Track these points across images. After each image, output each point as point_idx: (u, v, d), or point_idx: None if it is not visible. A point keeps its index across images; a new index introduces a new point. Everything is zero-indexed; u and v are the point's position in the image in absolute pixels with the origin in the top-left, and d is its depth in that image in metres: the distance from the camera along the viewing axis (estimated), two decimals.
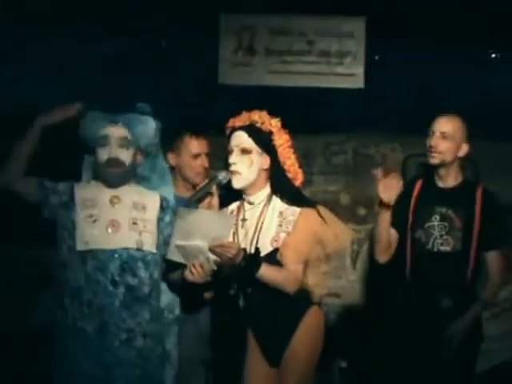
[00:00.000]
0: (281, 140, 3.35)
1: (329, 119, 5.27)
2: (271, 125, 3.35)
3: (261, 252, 3.26)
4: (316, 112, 5.21)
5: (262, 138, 3.33)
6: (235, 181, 3.34)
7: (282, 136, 3.36)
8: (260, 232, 3.32)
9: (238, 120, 3.38)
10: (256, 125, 3.34)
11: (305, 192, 3.51)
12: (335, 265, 5.16)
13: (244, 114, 3.38)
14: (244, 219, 3.37)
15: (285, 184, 3.36)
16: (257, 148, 3.32)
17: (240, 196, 3.40)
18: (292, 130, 3.41)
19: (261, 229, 3.32)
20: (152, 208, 3.36)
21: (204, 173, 3.83)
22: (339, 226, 3.38)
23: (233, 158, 3.32)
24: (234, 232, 3.34)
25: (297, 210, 3.31)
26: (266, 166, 3.34)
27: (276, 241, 3.29)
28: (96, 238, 3.25)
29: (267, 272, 3.21)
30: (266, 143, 3.33)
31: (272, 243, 3.29)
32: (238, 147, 3.33)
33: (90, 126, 3.32)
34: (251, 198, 3.37)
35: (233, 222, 3.30)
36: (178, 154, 3.83)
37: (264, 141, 3.33)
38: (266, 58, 5.19)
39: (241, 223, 3.36)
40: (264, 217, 3.33)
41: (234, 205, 3.43)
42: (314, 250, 3.31)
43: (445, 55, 5.10)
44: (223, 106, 4.48)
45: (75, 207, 3.30)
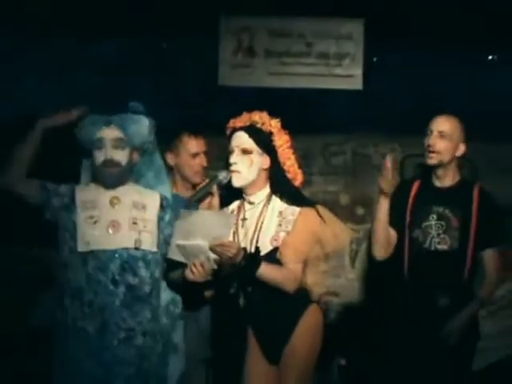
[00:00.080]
0: (281, 140, 3.37)
1: (328, 120, 5.26)
2: (271, 125, 3.37)
3: (261, 251, 3.28)
4: (315, 113, 5.21)
5: (263, 139, 3.35)
6: (235, 179, 3.35)
7: (282, 136, 3.38)
8: (260, 231, 3.33)
9: (239, 121, 3.40)
10: (256, 125, 3.36)
11: (304, 192, 3.52)
12: (334, 264, 5.17)
13: (244, 115, 3.40)
14: (244, 219, 3.38)
15: (284, 184, 3.38)
16: (257, 148, 3.34)
17: (240, 196, 3.42)
18: (291, 131, 3.42)
19: (261, 228, 3.34)
20: (152, 207, 3.38)
21: (203, 172, 3.85)
22: (338, 226, 3.40)
23: (233, 158, 3.34)
24: (234, 231, 3.35)
25: (296, 210, 3.33)
26: (266, 166, 3.36)
27: (276, 240, 3.30)
28: (97, 239, 3.27)
29: (267, 271, 3.23)
30: (266, 144, 3.35)
31: (272, 242, 3.31)
32: (239, 147, 3.34)
33: (86, 129, 3.34)
34: (251, 198, 3.39)
35: (233, 222, 3.31)
36: (177, 154, 3.85)
37: (264, 141, 3.35)
38: (266, 60, 5.20)
39: (241, 223, 3.38)
40: (264, 216, 3.35)
41: (235, 204, 3.44)
42: (314, 250, 3.33)
43: (443, 57, 5.11)
44: (223, 107, 4.48)
45: (76, 209, 3.32)
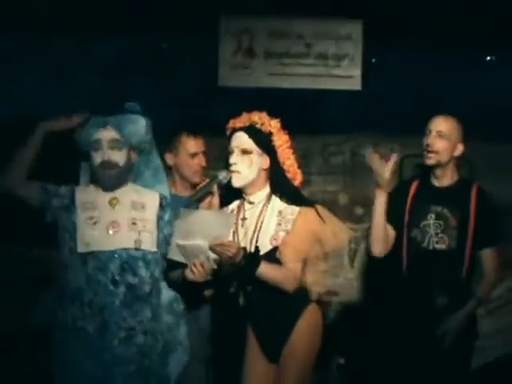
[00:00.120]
0: (280, 141, 3.38)
1: (327, 120, 5.28)
2: (271, 126, 3.38)
3: (260, 251, 3.29)
4: (314, 113, 5.23)
5: (262, 139, 3.36)
6: (235, 179, 3.36)
7: (282, 137, 3.39)
8: (260, 231, 3.35)
9: (239, 121, 3.41)
10: (256, 126, 3.37)
11: (303, 192, 3.53)
12: (333, 263, 5.18)
13: (244, 115, 3.41)
14: (244, 218, 3.39)
15: (284, 184, 3.39)
16: (257, 148, 3.35)
17: (240, 195, 3.43)
18: (290, 131, 3.43)
19: (260, 228, 3.35)
20: (151, 207, 3.39)
21: (202, 171, 3.87)
22: (337, 225, 3.41)
23: (233, 159, 3.35)
24: (234, 231, 3.36)
25: (296, 210, 3.34)
26: (266, 166, 3.37)
27: (275, 239, 3.32)
28: (97, 240, 3.27)
29: (266, 270, 3.25)
30: (266, 144, 3.36)
31: (271, 242, 3.32)
32: (239, 148, 3.35)
33: (84, 131, 3.35)
34: (251, 198, 3.40)
35: (233, 222, 3.32)
36: (176, 154, 3.87)
37: (264, 141, 3.36)
38: (265, 60, 5.20)
39: (241, 222, 3.39)
40: (263, 216, 3.37)
41: (235, 204, 3.45)
42: (313, 249, 3.34)
43: (442, 57, 5.12)
44: (223, 108, 4.49)
45: (76, 210, 3.33)
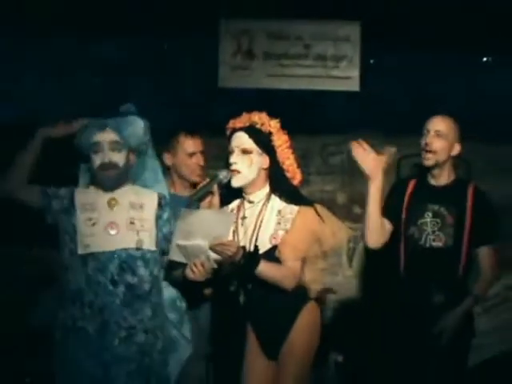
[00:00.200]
0: (280, 140, 3.40)
1: (325, 121, 5.29)
2: (270, 126, 3.40)
3: (260, 249, 3.32)
4: (313, 114, 5.24)
5: (262, 139, 3.38)
6: (234, 179, 3.39)
7: (281, 137, 3.41)
8: (259, 230, 3.37)
9: (239, 121, 3.43)
10: (256, 126, 3.39)
11: (302, 191, 3.54)
12: (332, 262, 5.17)
13: (244, 116, 3.43)
14: (244, 217, 3.42)
15: (283, 183, 3.41)
16: (257, 148, 3.38)
17: (240, 195, 3.45)
18: (289, 132, 3.45)
19: (260, 227, 3.37)
20: (149, 206, 3.40)
21: (200, 171, 3.89)
22: (336, 224, 3.43)
23: (233, 158, 3.38)
24: (234, 230, 3.39)
25: (295, 209, 3.36)
26: (266, 166, 3.39)
27: (275, 238, 3.34)
28: (96, 241, 3.29)
29: (266, 269, 3.27)
30: (266, 144, 3.38)
31: (271, 240, 3.34)
32: (239, 148, 3.38)
33: (83, 134, 3.36)
34: (251, 197, 3.42)
35: (232, 221, 3.34)
36: (174, 154, 3.89)
37: (264, 141, 3.38)
38: (265, 62, 5.22)
39: (241, 221, 3.42)
40: (263, 215, 3.39)
41: (235, 203, 3.48)
42: (312, 248, 3.36)
43: (439, 59, 5.13)
44: (223, 108, 4.50)
45: (75, 212, 3.35)
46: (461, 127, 3.67)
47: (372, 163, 3.43)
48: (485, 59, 5.25)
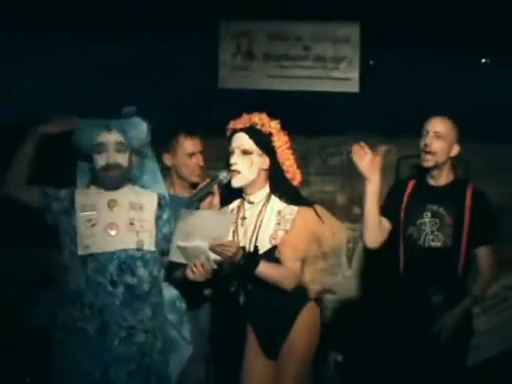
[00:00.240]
0: (280, 141, 3.41)
1: (325, 122, 5.30)
2: (271, 127, 3.41)
3: (259, 250, 3.32)
4: (312, 115, 5.24)
5: (262, 140, 3.39)
6: (235, 180, 3.39)
7: (282, 137, 3.42)
8: (259, 230, 3.38)
9: (239, 122, 3.44)
10: (256, 127, 3.40)
11: (302, 192, 3.55)
12: (331, 262, 5.11)
13: (244, 117, 3.44)
14: (244, 218, 3.42)
15: (283, 184, 3.42)
16: (257, 149, 3.38)
17: (240, 195, 3.46)
18: (289, 133, 3.46)
19: (260, 227, 3.38)
20: (149, 207, 3.41)
21: (200, 171, 3.90)
22: (335, 225, 3.43)
23: (234, 159, 3.38)
24: (234, 230, 3.39)
25: (295, 209, 3.37)
26: (266, 167, 3.40)
27: (274, 238, 3.35)
28: (96, 242, 3.30)
29: (265, 269, 3.28)
30: (266, 144, 3.39)
31: (270, 241, 3.35)
32: (239, 148, 3.38)
33: (85, 134, 3.36)
34: (251, 198, 3.43)
35: (232, 222, 3.34)
36: (174, 154, 3.90)
37: (264, 142, 3.39)
38: (264, 63, 5.23)
39: (240, 221, 3.42)
40: (263, 215, 3.39)
41: (235, 204, 3.48)
42: (311, 248, 3.36)
43: (439, 59, 5.13)
44: (223, 109, 4.47)
45: (75, 213, 3.35)
46: (460, 128, 3.68)
47: (368, 163, 3.45)
48: (483, 60, 5.25)
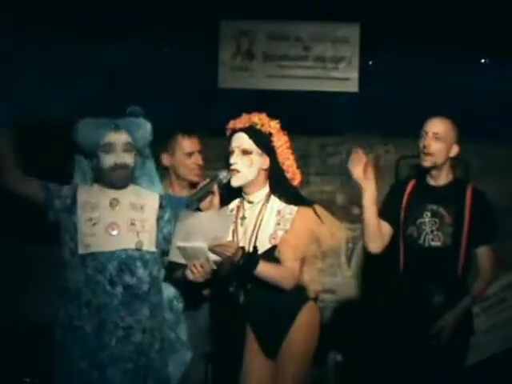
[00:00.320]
0: (280, 141, 3.41)
1: (324, 122, 5.33)
2: (271, 126, 3.41)
3: (259, 250, 3.33)
4: (312, 115, 5.26)
5: (262, 140, 3.39)
6: (234, 179, 3.39)
7: (281, 137, 3.42)
8: (259, 230, 3.38)
9: (239, 122, 3.44)
10: (256, 126, 3.40)
11: (301, 192, 3.55)
12: (331, 262, 5.21)
13: (244, 116, 3.44)
14: (243, 217, 3.42)
15: (283, 184, 3.42)
16: (257, 149, 3.38)
17: (240, 195, 3.46)
18: (289, 132, 3.46)
19: (259, 227, 3.38)
20: (150, 207, 3.40)
21: (198, 170, 3.89)
22: (335, 225, 3.43)
23: (234, 159, 3.39)
24: (234, 230, 3.39)
25: (294, 209, 3.37)
26: (266, 166, 3.40)
27: (274, 238, 3.35)
28: (96, 241, 3.29)
29: (265, 269, 3.28)
30: (266, 144, 3.39)
31: (270, 241, 3.35)
32: (239, 148, 3.39)
33: (90, 133, 3.34)
34: (250, 197, 3.43)
35: (231, 222, 3.34)
36: (172, 154, 3.88)
37: (264, 142, 3.39)
38: (264, 63, 5.24)
39: (240, 221, 3.42)
40: (262, 215, 3.39)
41: (234, 203, 3.48)
42: (311, 248, 3.36)
43: (437, 60, 5.15)
44: (223, 109, 4.53)
45: (77, 211, 3.34)
46: (459, 128, 3.68)
47: (361, 172, 3.46)
48: (483, 60, 5.26)
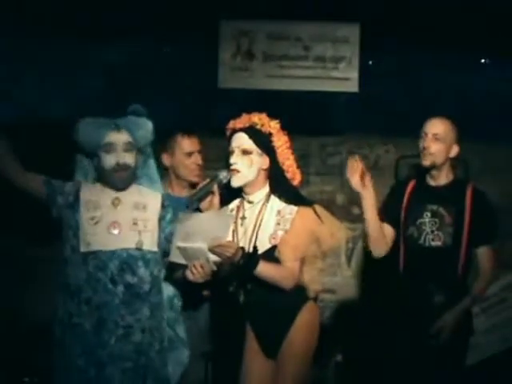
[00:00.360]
0: (280, 141, 3.41)
1: (324, 122, 5.33)
2: (270, 126, 3.41)
3: (259, 249, 3.33)
4: (312, 115, 5.26)
5: (262, 140, 3.39)
6: (234, 179, 3.40)
7: (281, 137, 3.42)
8: (259, 230, 3.38)
9: (239, 122, 3.44)
10: (256, 126, 3.40)
11: (301, 192, 3.55)
12: (331, 262, 5.21)
13: (244, 116, 3.44)
14: (243, 217, 3.43)
15: (283, 183, 3.42)
16: (257, 149, 3.38)
17: (240, 195, 3.46)
18: (289, 133, 3.46)
19: (259, 227, 3.38)
20: (153, 207, 3.40)
21: (198, 170, 3.89)
22: (335, 225, 3.44)
23: (234, 159, 3.39)
24: (234, 230, 3.40)
25: (294, 209, 3.37)
26: (266, 166, 3.40)
27: (274, 238, 3.35)
28: (98, 240, 3.29)
29: (265, 269, 3.28)
30: (266, 144, 3.39)
31: (270, 240, 3.35)
32: (239, 148, 3.39)
33: (91, 132, 3.34)
34: (250, 197, 3.43)
35: (231, 223, 3.34)
36: (172, 154, 3.88)
37: (264, 142, 3.39)
38: (264, 63, 5.24)
39: (240, 221, 3.43)
40: (262, 215, 3.40)
41: (234, 203, 3.49)
42: (311, 248, 3.37)
43: (437, 60, 5.15)
44: (223, 109, 4.54)
45: (79, 208, 3.34)
46: (459, 128, 3.68)
47: (358, 181, 3.48)
48: (483, 60, 5.26)
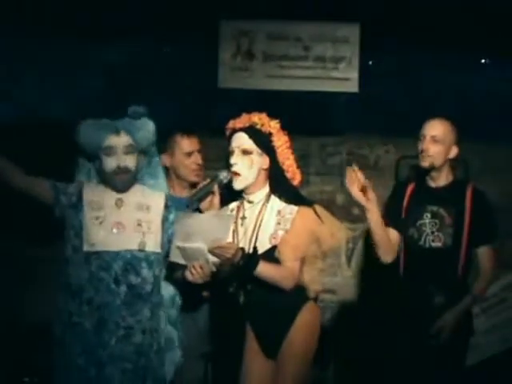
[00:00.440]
0: (280, 141, 3.41)
1: (324, 122, 5.33)
2: (271, 126, 3.41)
3: (259, 250, 3.33)
4: (312, 115, 5.26)
5: (262, 139, 3.39)
6: (237, 182, 3.40)
7: (281, 137, 3.42)
8: (259, 230, 3.38)
9: (239, 122, 3.44)
10: (256, 126, 3.40)
11: (302, 192, 3.56)
12: (331, 262, 5.21)
13: (244, 116, 3.44)
14: (243, 217, 3.43)
15: (283, 183, 3.42)
16: (257, 149, 3.38)
17: (240, 195, 3.46)
18: (289, 132, 3.46)
19: (260, 227, 3.38)
20: (156, 208, 3.41)
21: (198, 170, 3.89)
22: (335, 225, 3.43)
23: (234, 159, 3.39)
24: (234, 230, 3.40)
25: (294, 209, 3.37)
26: (266, 166, 3.40)
27: (274, 238, 3.35)
28: (101, 240, 3.29)
29: (265, 270, 3.29)
30: (266, 144, 3.39)
31: (270, 240, 3.36)
32: (239, 148, 3.39)
33: (92, 135, 3.34)
34: (251, 197, 3.43)
35: (231, 223, 3.35)
36: (172, 154, 3.88)
37: (264, 142, 3.39)
38: (264, 63, 5.23)
39: (240, 221, 3.43)
40: (263, 215, 3.40)
41: (234, 204, 3.49)
42: (311, 248, 3.37)
43: (437, 60, 5.15)
44: (223, 109, 4.53)
45: (83, 208, 3.34)
46: (459, 128, 3.68)
47: (361, 194, 3.46)
48: (483, 60, 5.26)
